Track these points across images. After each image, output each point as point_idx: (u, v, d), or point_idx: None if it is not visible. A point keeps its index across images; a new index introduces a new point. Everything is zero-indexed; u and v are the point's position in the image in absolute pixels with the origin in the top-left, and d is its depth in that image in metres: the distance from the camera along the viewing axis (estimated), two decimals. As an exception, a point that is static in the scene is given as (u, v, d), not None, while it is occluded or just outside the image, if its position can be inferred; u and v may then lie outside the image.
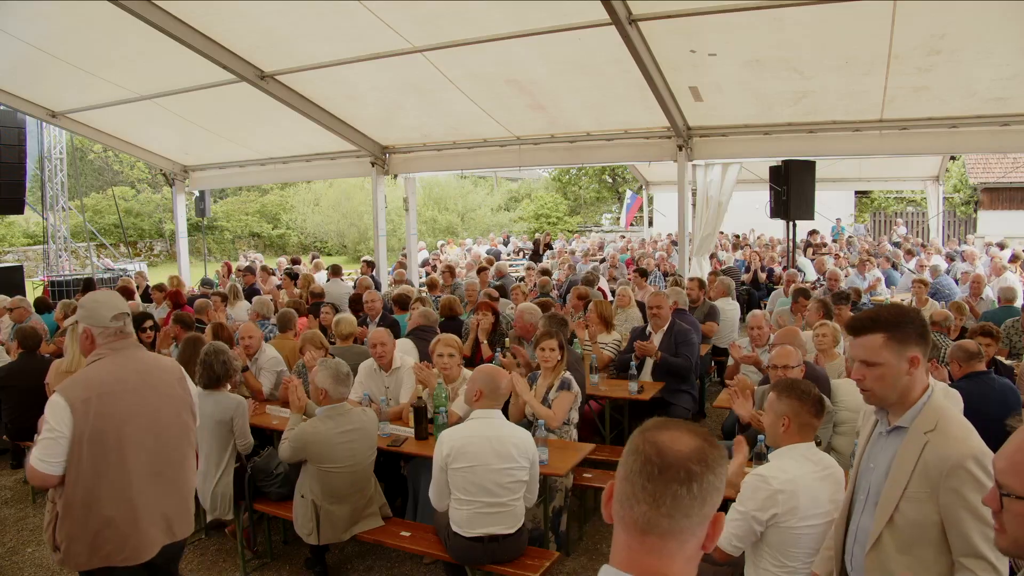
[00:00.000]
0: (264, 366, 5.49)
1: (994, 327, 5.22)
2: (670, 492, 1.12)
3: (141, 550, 2.69)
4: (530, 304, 6.32)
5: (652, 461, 1.13)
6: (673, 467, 1.13)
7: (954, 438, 1.94)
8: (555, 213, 30.86)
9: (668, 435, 1.16)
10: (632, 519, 1.14)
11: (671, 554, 1.14)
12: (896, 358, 1.98)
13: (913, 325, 2.02)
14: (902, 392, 2.02)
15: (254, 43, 7.98)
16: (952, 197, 22.36)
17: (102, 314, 2.75)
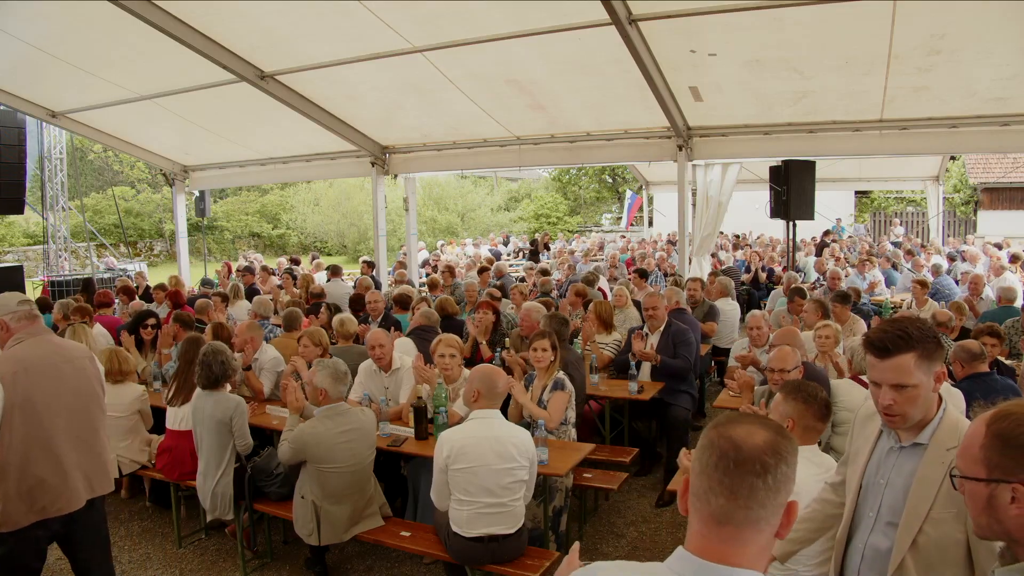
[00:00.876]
0: (265, 366, 5.49)
1: (1000, 328, 5.22)
2: (746, 484, 1.17)
3: (72, 501, 3.08)
4: (535, 303, 6.32)
5: (728, 455, 1.18)
6: (749, 460, 1.17)
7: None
8: (555, 213, 30.87)
9: (742, 429, 1.21)
10: (709, 511, 1.19)
11: (745, 543, 1.18)
12: (927, 377, 1.88)
13: (935, 338, 1.91)
14: (926, 409, 1.92)
15: (254, 43, 7.98)
16: (952, 197, 22.37)
17: (9, 302, 3.13)
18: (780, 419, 2.83)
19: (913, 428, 1.95)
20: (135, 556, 4.59)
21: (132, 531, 4.94)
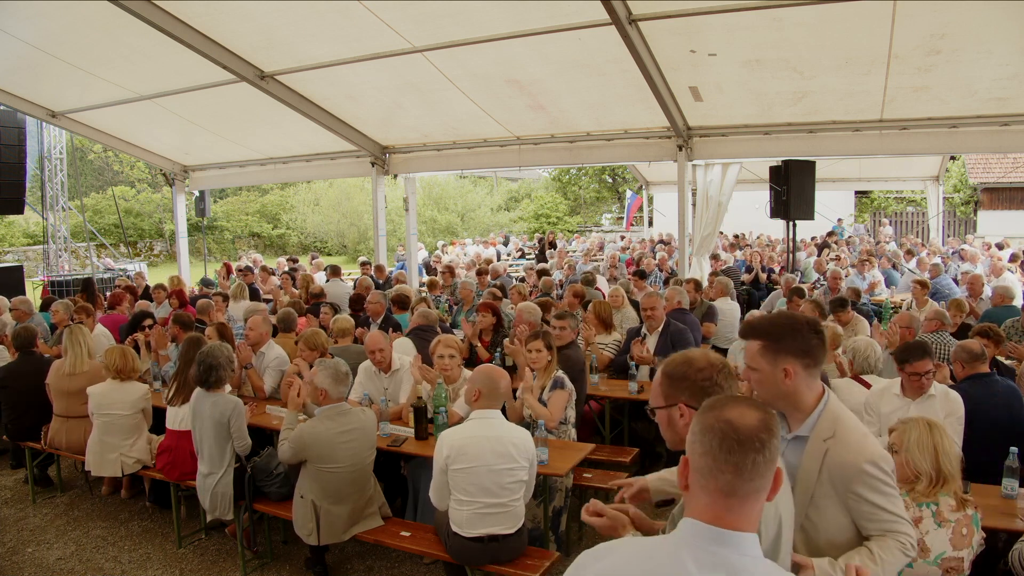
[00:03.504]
0: (270, 364, 5.49)
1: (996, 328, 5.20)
2: (749, 460, 1.32)
3: None
4: (530, 303, 6.33)
5: (729, 436, 1.34)
6: (748, 439, 1.33)
7: (853, 444, 2.00)
8: (555, 213, 30.87)
9: (735, 411, 1.37)
10: (717, 487, 1.33)
11: (748, 510, 1.34)
12: (770, 367, 2.02)
13: (794, 338, 2.02)
14: (788, 399, 2.05)
15: (254, 43, 7.98)
16: (952, 197, 22.37)
17: None
18: None
19: (795, 420, 2.09)
20: (135, 556, 4.59)
21: (132, 531, 4.94)
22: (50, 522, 5.13)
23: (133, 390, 4.93)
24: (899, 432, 2.78)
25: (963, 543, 2.63)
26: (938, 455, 2.67)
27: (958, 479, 2.72)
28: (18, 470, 6.05)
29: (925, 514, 2.63)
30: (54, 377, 5.25)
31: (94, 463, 4.86)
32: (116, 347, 5.16)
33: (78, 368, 5.20)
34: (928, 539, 2.61)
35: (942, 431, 2.75)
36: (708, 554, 1.29)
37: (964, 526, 2.64)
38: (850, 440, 2.02)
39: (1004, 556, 2.86)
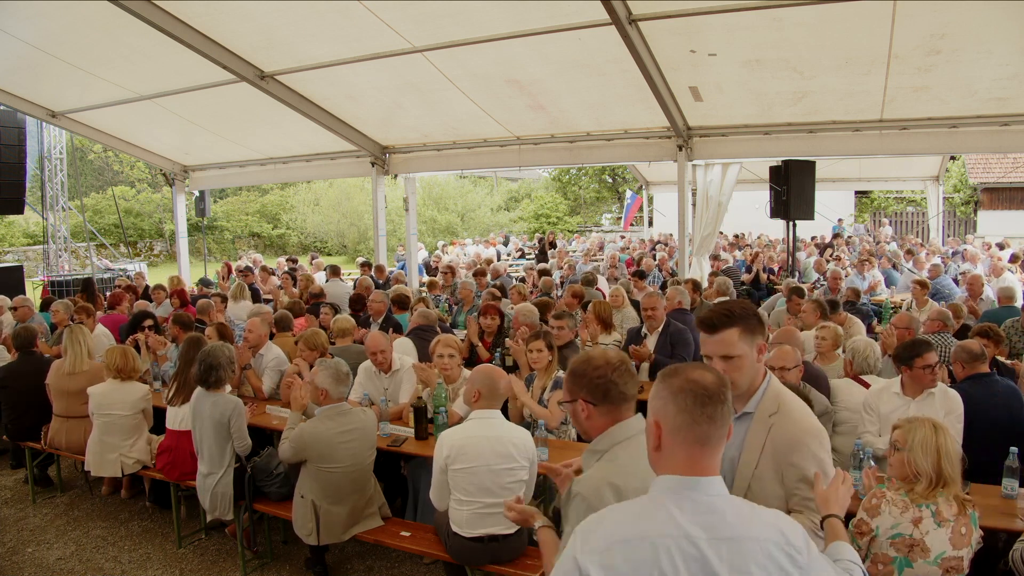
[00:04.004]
0: (269, 365, 5.50)
1: (996, 328, 5.20)
2: (720, 411, 1.56)
3: None
4: (528, 304, 6.33)
5: (700, 393, 1.55)
6: (716, 393, 1.57)
7: (796, 419, 2.10)
8: (555, 213, 30.88)
9: (695, 374, 1.60)
10: (694, 438, 1.55)
11: (716, 456, 1.58)
12: (750, 348, 2.12)
13: (756, 315, 2.17)
14: (751, 380, 2.16)
15: (254, 43, 7.98)
16: (952, 197, 22.37)
17: None
18: None
19: (742, 398, 2.16)
20: (135, 556, 4.59)
21: (132, 531, 4.94)
22: (50, 522, 5.13)
23: (134, 390, 4.93)
24: (904, 430, 2.77)
25: (963, 542, 2.63)
26: (940, 457, 2.67)
27: (958, 483, 2.71)
28: (18, 470, 6.05)
29: (925, 514, 2.63)
30: (54, 377, 5.25)
31: (94, 463, 4.86)
32: (117, 347, 5.16)
33: (78, 368, 5.20)
34: (928, 539, 2.60)
35: (947, 434, 2.75)
36: (688, 500, 1.51)
37: (963, 525, 2.64)
38: (793, 415, 2.12)
39: (1004, 556, 2.85)
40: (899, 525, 2.64)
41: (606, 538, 1.50)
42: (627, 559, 1.47)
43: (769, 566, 1.50)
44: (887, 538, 2.65)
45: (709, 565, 1.46)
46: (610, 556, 1.47)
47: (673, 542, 1.47)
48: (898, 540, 2.63)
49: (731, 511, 1.53)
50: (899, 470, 2.75)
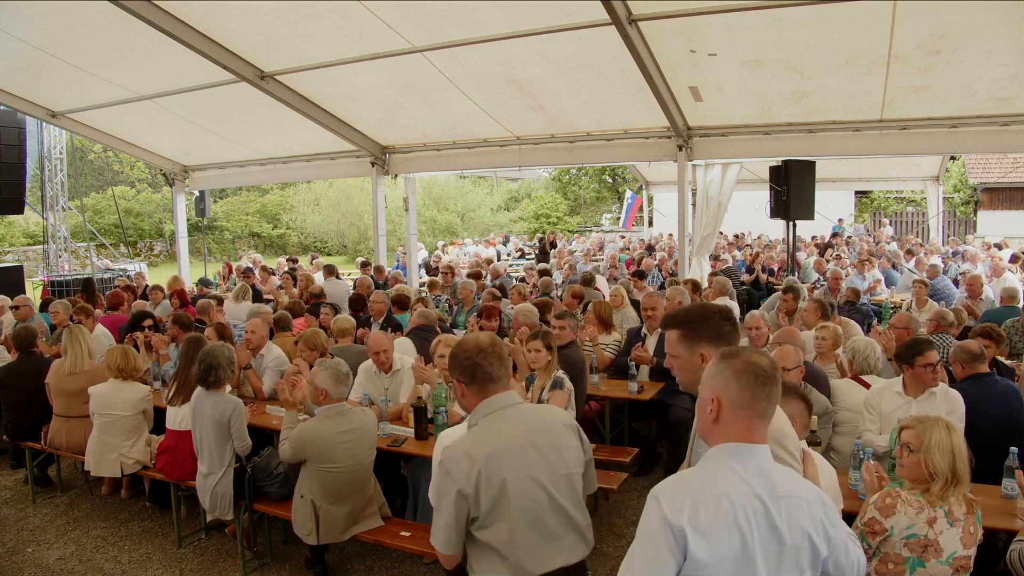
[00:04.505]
0: (269, 365, 5.50)
1: (997, 329, 5.20)
2: (776, 390, 1.81)
3: None
4: (528, 304, 6.33)
5: (760, 375, 1.78)
6: (772, 375, 1.80)
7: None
8: (555, 213, 30.88)
9: (755, 356, 1.82)
10: (755, 413, 1.78)
11: (766, 428, 1.81)
12: (688, 353, 2.17)
13: (707, 326, 2.17)
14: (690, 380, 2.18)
15: (254, 43, 7.98)
16: (952, 197, 22.37)
17: None
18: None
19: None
20: (135, 556, 4.59)
21: (132, 531, 4.94)
22: (50, 522, 5.13)
23: (135, 391, 4.93)
24: (918, 432, 2.75)
25: (971, 541, 2.66)
26: (956, 458, 2.67)
27: (968, 482, 2.72)
28: (18, 470, 6.05)
29: (939, 514, 2.63)
30: (54, 377, 5.25)
31: (94, 463, 4.86)
32: (118, 347, 5.16)
33: (78, 368, 5.20)
34: (942, 539, 2.61)
35: (959, 434, 2.75)
36: (751, 463, 1.75)
37: (971, 524, 2.67)
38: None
39: (1004, 556, 2.86)
40: (914, 526, 2.63)
41: (690, 495, 1.69)
42: (711, 515, 1.66)
43: (815, 522, 1.74)
44: (901, 538, 2.64)
45: (772, 519, 1.69)
46: (696, 513, 1.66)
47: (747, 500, 1.69)
48: (913, 540, 2.63)
49: (782, 474, 1.78)
50: (913, 471, 2.72)
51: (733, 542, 1.65)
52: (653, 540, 1.67)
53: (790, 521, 1.70)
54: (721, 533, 1.65)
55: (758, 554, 1.67)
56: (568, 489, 2.38)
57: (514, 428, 2.33)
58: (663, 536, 1.65)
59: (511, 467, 2.26)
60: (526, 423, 2.37)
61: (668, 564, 1.65)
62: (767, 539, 1.68)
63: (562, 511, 2.36)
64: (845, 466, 3.75)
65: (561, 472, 2.37)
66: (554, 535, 2.34)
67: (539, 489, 2.30)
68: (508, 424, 2.33)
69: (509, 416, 2.35)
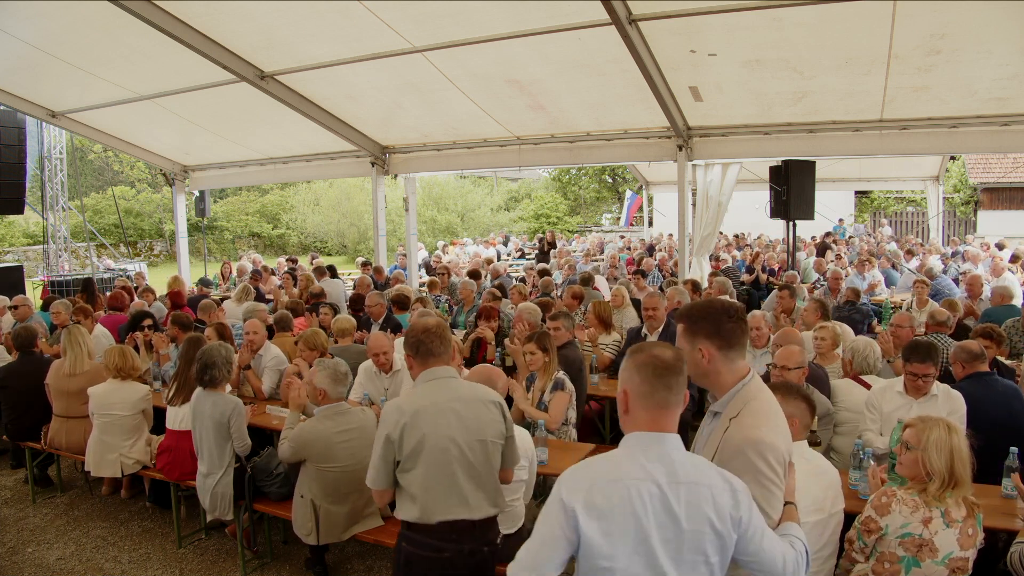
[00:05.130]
0: (268, 365, 5.49)
1: (997, 329, 5.20)
2: (676, 380, 1.88)
3: None
4: (529, 304, 6.33)
5: (660, 366, 1.88)
6: (673, 366, 1.89)
7: (746, 425, 2.04)
8: (555, 213, 30.88)
9: (657, 350, 1.92)
10: (655, 403, 1.87)
11: (673, 417, 1.90)
12: (689, 347, 2.16)
13: (707, 321, 2.15)
14: (708, 378, 2.17)
15: (254, 43, 7.97)
16: (952, 197, 22.37)
17: None
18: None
19: (717, 398, 2.21)
20: (135, 556, 4.59)
21: (132, 531, 4.94)
22: (50, 522, 5.13)
23: (134, 391, 4.93)
24: (917, 430, 2.75)
25: (969, 543, 2.64)
26: (954, 458, 2.66)
27: (968, 485, 2.70)
28: (18, 470, 6.05)
29: (935, 514, 2.63)
30: (54, 377, 5.25)
31: (93, 463, 4.86)
32: (115, 347, 5.16)
33: (78, 368, 5.20)
34: (937, 539, 2.61)
35: (960, 434, 2.74)
36: (653, 451, 1.84)
37: (970, 526, 2.65)
38: (747, 422, 2.05)
39: (1004, 556, 2.85)
40: (909, 525, 2.63)
41: (588, 480, 1.81)
42: (606, 497, 1.78)
43: (718, 508, 1.80)
44: (896, 537, 2.64)
45: (668, 503, 1.78)
46: (592, 495, 1.78)
47: (643, 484, 1.79)
48: (907, 540, 2.63)
49: (688, 462, 1.85)
50: (911, 469, 2.73)
51: (628, 524, 1.77)
52: (549, 520, 1.82)
53: (688, 506, 1.78)
54: (616, 516, 1.77)
55: (654, 537, 1.77)
56: (481, 453, 2.73)
57: (442, 394, 2.75)
58: (558, 517, 1.80)
59: (432, 423, 2.66)
60: (453, 392, 2.78)
61: (560, 543, 1.80)
62: (663, 523, 1.78)
63: (473, 471, 2.71)
64: (845, 466, 3.75)
65: (477, 437, 2.72)
66: (460, 489, 2.69)
67: (453, 447, 2.67)
68: (438, 390, 2.76)
69: (440, 385, 2.78)
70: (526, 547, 1.90)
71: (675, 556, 1.79)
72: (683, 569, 1.80)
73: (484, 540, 2.76)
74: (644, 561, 1.78)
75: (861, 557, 2.76)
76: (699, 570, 1.82)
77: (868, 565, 2.74)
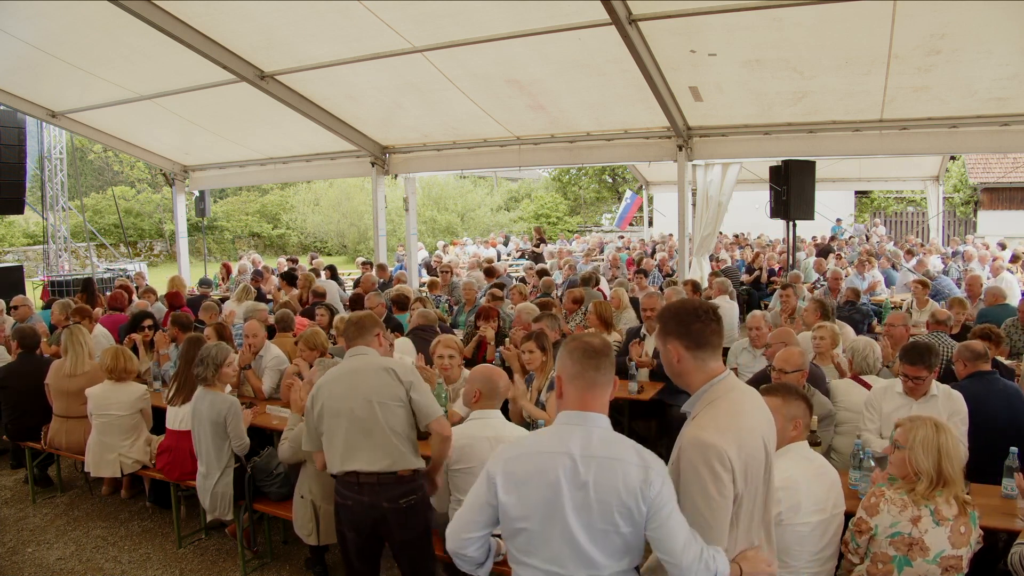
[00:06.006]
0: (268, 365, 5.49)
1: (995, 329, 5.20)
2: (603, 362, 2.07)
3: None
4: (528, 304, 6.33)
5: (588, 350, 2.08)
6: (600, 350, 2.09)
7: (697, 425, 2.04)
8: (555, 213, 30.87)
9: (587, 338, 2.13)
10: (584, 383, 2.05)
11: (600, 396, 2.08)
12: (663, 347, 2.19)
13: (677, 322, 2.15)
14: (681, 379, 2.17)
15: (254, 43, 7.98)
16: (952, 197, 22.37)
17: None
18: (785, 421, 2.83)
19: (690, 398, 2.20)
20: (135, 556, 4.59)
21: (132, 531, 4.94)
22: (50, 522, 5.12)
23: (131, 391, 4.93)
24: (905, 429, 2.76)
25: (962, 541, 2.63)
26: (941, 457, 2.65)
27: (960, 484, 2.70)
28: (18, 470, 6.05)
29: (924, 513, 2.63)
30: (54, 377, 5.24)
31: (93, 463, 4.86)
32: (110, 348, 5.16)
33: (78, 369, 5.19)
34: (927, 538, 2.61)
35: (948, 433, 2.73)
36: (576, 427, 2.02)
37: (963, 524, 2.64)
38: (699, 422, 2.04)
39: (1004, 556, 2.85)
40: (898, 524, 2.64)
41: (510, 452, 2.06)
42: (522, 467, 2.01)
43: (628, 482, 1.93)
44: (886, 537, 2.65)
45: (579, 475, 1.96)
46: (510, 464, 2.02)
47: (557, 456, 1.98)
48: (897, 539, 2.63)
49: (606, 438, 2.01)
50: (900, 468, 2.75)
51: (543, 492, 1.96)
52: (477, 489, 2.07)
53: (597, 478, 1.95)
54: (531, 485, 1.98)
55: (567, 504, 1.95)
56: (369, 412, 3.16)
57: (344, 367, 3.32)
58: (482, 484, 2.04)
59: (330, 392, 3.23)
60: (351, 365, 3.30)
61: (485, 508, 2.04)
62: (574, 492, 1.95)
63: (363, 426, 3.15)
64: (845, 466, 3.75)
65: (374, 399, 3.17)
66: (354, 445, 3.16)
67: (344, 406, 3.18)
68: (343, 365, 3.34)
69: (347, 361, 3.34)
70: (459, 512, 2.10)
71: (587, 523, 1.95)
72: (594, 535, 1.95)
73: (386, 496, 3.14)
74: (558, 526, 1.96)
75: (856, 558, 2.77)
76: (611, 539, 1.96)
77: (864, 565, 2.75)
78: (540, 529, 1.98)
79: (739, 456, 1.98)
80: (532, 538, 1.99)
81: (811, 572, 2.73)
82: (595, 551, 1.96)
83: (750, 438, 2.04)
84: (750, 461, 2.02)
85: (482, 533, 2.07)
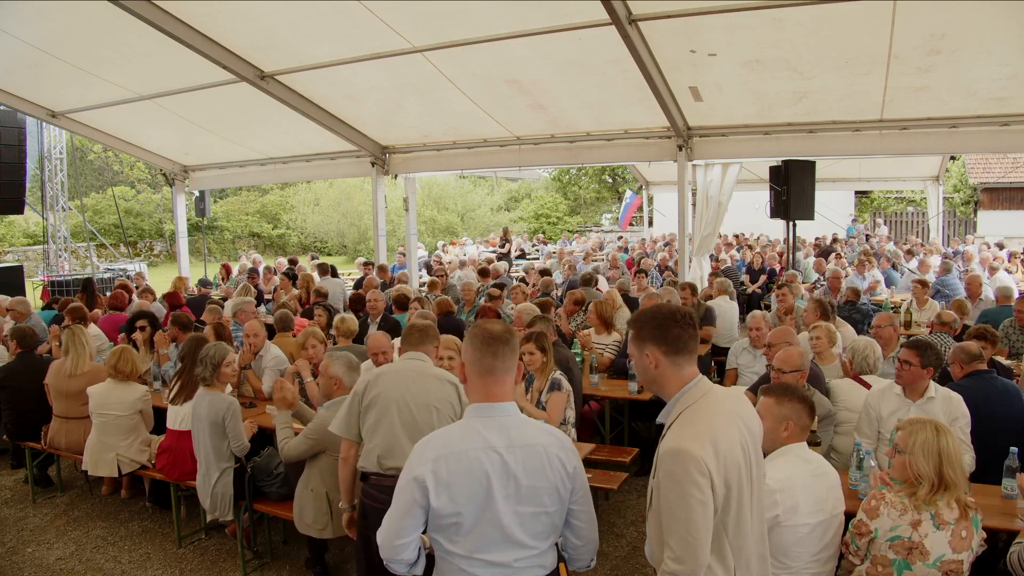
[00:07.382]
0: (268, 365, 5.49)
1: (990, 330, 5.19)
2: (503, 349, 2.10)
3: None
4: (528, 304, 6.33)
5: (487, 336, 2.11)
6: (500, 336, 2.12)
7: (673, 433, 2.03)
8: (555, 213, 30.87)
9: (488, 324, 2.16)
10: (484, 368, 2.09)
11: (504, 384, 2.11)
12: (638, 352, 2.16)
13: (652, 326, 2.11)
14: (656, 384, 2.18)
15: (254, 43, 7.97)
16: (952, 197, 22.36)
17: None
18: (776, 422, 2.82)
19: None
20: (135, 556, 4.59)
21: (132, 531, 4.94)
22: (50, 522, 5.13)
23: (131, 391, 4.93)
24: (906, 432, 2.74)
25: (963, 545, 2.61)
26: (942, 461, 2.63)
27: (961, 487, 2.67)
28: (18, 470, 6.05)
29: (924, 517, 2.62)
30: (54, 378, 5.25)
31: (91, 463, 4.86)
32: (117, 347, 5.17)
33: (78, 369, 5.20)
34: (927, 542, 2.60)
35: (950, 436, 2.71)
36: (489, 420, 2.06)
37: (964, 528, 2.62)
38: (675, 430, 2.03)
39: (1004, 556, 2.85)
40: (898, 528, 2.63)
41: (433, 453, 2.02)
42: (450, 469, 1.99)
43: (551, 460, 2.04)
44: (886, 540, 2.64)
45: (508, 467, 2.01)
46: (438, 465, 1.99)
47: (483, 453, 2.01)
48: (897, 543, 2.63)
49: (520, 426, 2.07)
50: (901, 472, 2.73)
51: (475, 489, 1.99)
52: (404, 493, 2.02)
53: (526, 465, 2.02)
54: (462, 483, 1.99)
55: (498, 496, 2.00)
56: (432, 418, 3.15)
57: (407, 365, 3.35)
58: (409, 489, 2.00)
59: (386, 383, 3.23)
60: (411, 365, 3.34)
61: (415, 512, 2.02)
62: (505, 483, 2.01)
63: (416, 429, 3.09)
64: (845, 466, 3.75)
65: (432, 403, 3.19)
66: (397, 444, 3.13)
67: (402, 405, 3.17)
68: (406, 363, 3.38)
69: (409, 361, 3.37)
70: (388, 515, 2.07)
71: (515, 508, 2.02)
72: (524, 520, 2.04)
73: None
74: (489, 516, 2.01)
75: (856, 559, 2.77)
76: (540, 520, 2.07)
77: (864, 566, 2.74)
78: (471, 522, 2.01)
79: (716, 460, 1.94)
80: (460, 529, 2.02)
81: (811, 573, 2.73)
82: (523, 534, 2.04)
83: (727, 441, 2.00)
84: (729, 464, 1.98)
85: (414, 536, 2.07)
